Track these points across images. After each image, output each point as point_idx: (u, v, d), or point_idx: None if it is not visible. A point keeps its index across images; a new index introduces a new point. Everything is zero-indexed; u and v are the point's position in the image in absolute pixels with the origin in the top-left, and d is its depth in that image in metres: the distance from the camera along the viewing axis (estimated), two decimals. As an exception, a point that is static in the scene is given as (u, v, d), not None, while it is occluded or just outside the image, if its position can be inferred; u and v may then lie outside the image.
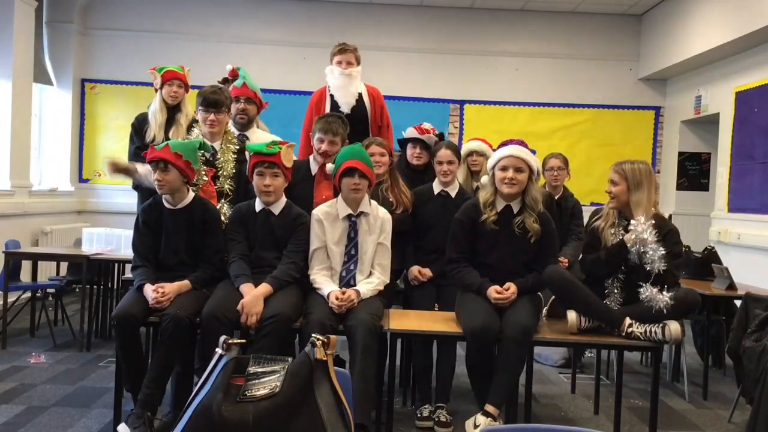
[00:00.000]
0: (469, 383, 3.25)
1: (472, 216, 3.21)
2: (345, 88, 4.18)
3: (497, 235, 3.17)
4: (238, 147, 3.58)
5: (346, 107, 4.18)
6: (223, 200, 3.46)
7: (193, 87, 4.25)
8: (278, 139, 3.85)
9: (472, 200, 3.34)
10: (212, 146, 3.51)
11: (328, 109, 4.15)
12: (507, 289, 3.08)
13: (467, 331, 2.94)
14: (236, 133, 3.84)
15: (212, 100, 3.49)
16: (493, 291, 3.07)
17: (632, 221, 3.00)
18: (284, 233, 3.24)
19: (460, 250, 3.23)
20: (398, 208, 3.62)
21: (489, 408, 2.90)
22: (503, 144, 3.24)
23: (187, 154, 3.18)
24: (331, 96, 4.21)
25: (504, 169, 3.12)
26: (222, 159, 3.51)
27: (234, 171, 3.53)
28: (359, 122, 4.22)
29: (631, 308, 3.00)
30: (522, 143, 3.20)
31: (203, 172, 3.42)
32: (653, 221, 3.00)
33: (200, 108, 3.53)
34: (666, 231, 3.05)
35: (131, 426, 2.84)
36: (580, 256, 3.34)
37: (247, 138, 3.79)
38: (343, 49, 4.21)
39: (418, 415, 3.47)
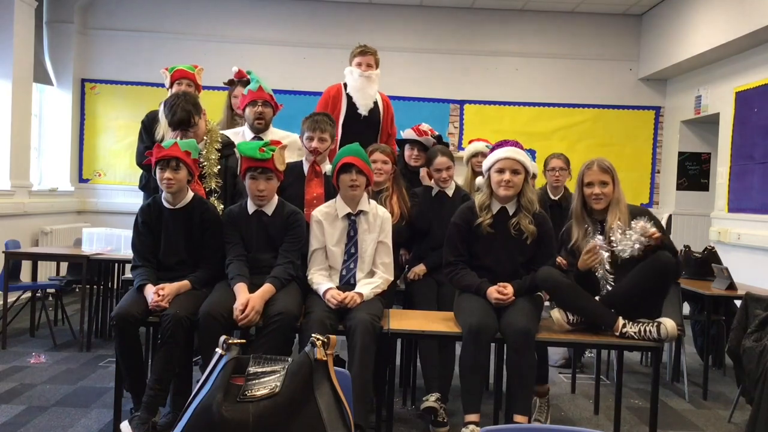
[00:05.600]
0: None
1: (468, 219, 3.20)
2: (364, 90, 4.18)
3: (493, 237, 3.16)
4: (221, 144, 3.55)
5: (364, 109, 4.18)
6: (212, 198, 3.44)
7: (205, 88, 4.24)
8: (295, 136, 3.84)
9: (468, 203, 3.33)
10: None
11: (344, 109, 4.15)
12: (505, 288, 3.08)
13: (464, 328, 2.94)
14: (251, 135, 3.82)
15: (177, 121, 3.37)
16: (494, 291, 3.07)
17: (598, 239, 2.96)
18: (278, 232, 3.24)
19: (456, 253, 3.22)
20: (396, 219, 3.60)
21: (518, 418, 2.85)
22: (498, 145, 3.22)
23: (193, 152, 3.20)
24: (348, 96, 4.20)
25: (500, 171, 3.11)
26: (206, 157, 3.48)
27: (218, 167, 3.48)
28: (373, 127, 4.22)
29: (615, 292, 2.98)
30: (517, 144, 3.19)
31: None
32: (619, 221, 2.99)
33: (170, 132, 3.43)
34: (639, 213, 3.05)
35: (136, 430, 2.84)
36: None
37: (261, 140, 3.76)
38: (364, 51, 4.22)
39: (424, 399, 3.40)
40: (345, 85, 4.25)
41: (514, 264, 3.17)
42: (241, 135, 3.89)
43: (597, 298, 3.04)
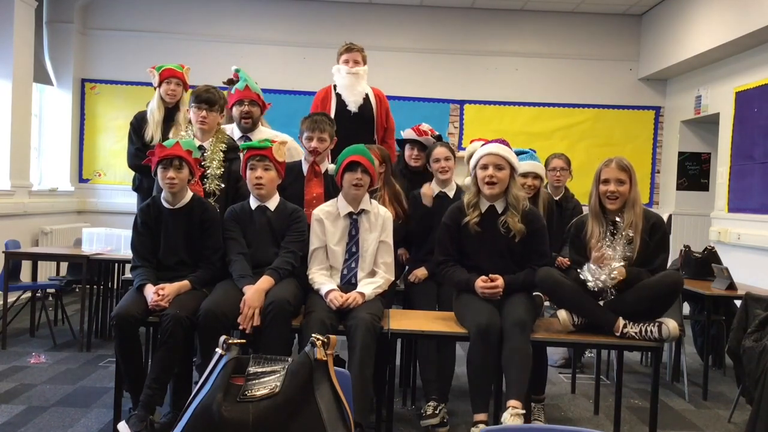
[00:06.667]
0: (467, 383, 3.23)
1: (456, 218, 3.20)
2: (352, 87, 4.19)
3: (483, 236, 3.15)
4: (227, 147, 3.56)
5: (353, 106, 4.20)
6: (211, 200, 3.45)
7: (193, 87, 4.23)
8: (286, 136, 3.86)
9: (457, 203, 3.32)
10: (202, 145, 3.50)
11: (333, 108, 4.16)
12: (494, 281, 3.07)
13: (473, 329, 2.92)
14: (239, 134, 3.84)
15: (205, 98, 3.49)
16: (479, 281, 3.07)
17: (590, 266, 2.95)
18: (282, 228, 3.26)
19: (446, 252, 3.23)
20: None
21: (513, 403, 2.80)
22: (484, 145, 3.23)
23: (194, 151, 3.21)
24: (338, 95, 4.21)
25: (484, 167, 3.11)
26: (209, 158, 3.49)
27: (221, 170, 3.51)
28: (366, 122, 4.23)
29: (620, 301, 2.98)
30: (503, 142, 3.18)
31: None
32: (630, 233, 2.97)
33: (192, 105, 3.52)
34: (652, 223, 3.04)
35: (133, 428, 2.84)
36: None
37: (250, 140, 3.77)
38: (350, 48, 4.23)
39: (423, 414, 3.40)
40: (335, 86, 4.27)
41: (504, 262, 3.16)
42: (229, 133, 3.89)
43: (601, 303, 3.03)
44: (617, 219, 3.02)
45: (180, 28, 7.45)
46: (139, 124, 4.26)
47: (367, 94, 4.27)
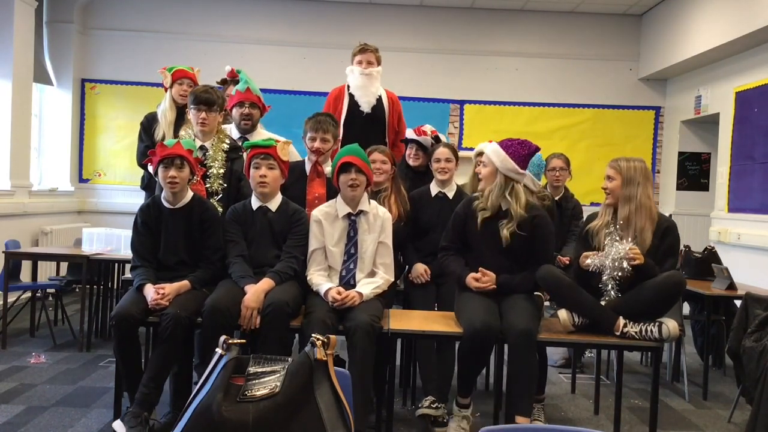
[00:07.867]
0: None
1: (466, 210, 3.24)
2: (365, 87, 4.19)
3: (485, 231, 3.16)
4: (228, 146, 3.57)
5: (366, 106, 4.20)
6: (213, 199, 3.45)
7: (196, 86, 4.24)
8: (283, 139, 3.87)
9: (471, 196, 3.36)
10: (203, 145, 3.50)
11: (346, 108, 4.17)
12: (485, 275, 3.09)
13: (467, 329, 2.92)
14: (237, 135, 3.84)
15: (204, 99, 3.48)
16: (471, 279, 3.11)
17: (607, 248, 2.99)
18: (283, 229, 3.25)
19: (451, 240, 3.29)
20: (394, 219, 3.58)
21: (520, 419, 2.85)
22: None
23: (194, 151, 3.22)
24: (351, 95, 4.21)
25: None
26: (212, 158, 3.49)
27: (224, 170, 3.50)
28: (378, 123, 4.23)
29: (623, 301, 2.99)
30: (524, 143, 3.18)
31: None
32: (634, 239, 2.99)
33: (192, 106, 3.53)
34: (664, 228, 3.06)
35: (128, 425, 2.83)
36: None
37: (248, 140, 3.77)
38: (364, 49, 4.24)
39: (420, 406, 3.39)
40: (348, 86, 4.27)
41: (505, 259, 3.15)
42: (228, 133, 3.89)
43: (603, 303, 3.03)
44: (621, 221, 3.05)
45: (180, 28, 7.45)
46: (149, 123, 4.27)
47: (380, 96, 4.28)
